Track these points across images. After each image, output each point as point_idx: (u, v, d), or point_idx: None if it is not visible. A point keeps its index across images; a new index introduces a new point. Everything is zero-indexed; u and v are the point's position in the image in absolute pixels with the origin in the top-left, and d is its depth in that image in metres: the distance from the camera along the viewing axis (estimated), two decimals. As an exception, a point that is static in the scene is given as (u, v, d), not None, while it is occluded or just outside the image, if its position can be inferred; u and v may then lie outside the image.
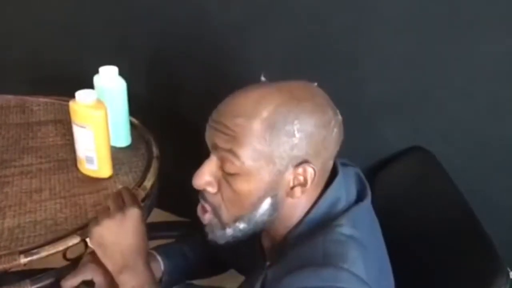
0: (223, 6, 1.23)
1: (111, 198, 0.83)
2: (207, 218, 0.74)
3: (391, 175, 1.11)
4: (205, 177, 0.71)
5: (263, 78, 0.74)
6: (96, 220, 0.80)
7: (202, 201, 0.74)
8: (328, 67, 1.15)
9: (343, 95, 1.09)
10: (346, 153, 0.74)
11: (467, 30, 0.97)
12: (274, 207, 0.71)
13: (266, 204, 0.70)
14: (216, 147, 0.69)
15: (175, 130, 1.41)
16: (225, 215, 0.72)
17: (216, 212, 0.73)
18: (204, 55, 1.31)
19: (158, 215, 0.82)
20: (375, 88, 1.11)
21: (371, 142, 1.14)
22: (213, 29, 1.27)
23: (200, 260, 0.98)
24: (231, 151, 0.66)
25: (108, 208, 0.81)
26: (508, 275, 0.75)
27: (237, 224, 0.72)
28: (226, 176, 0.69)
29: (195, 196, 0.73)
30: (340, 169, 0.75)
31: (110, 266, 0.80)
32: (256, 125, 0.65)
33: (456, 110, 1.04)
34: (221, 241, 0.74)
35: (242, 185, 0.68)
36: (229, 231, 0.73)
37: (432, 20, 0.99)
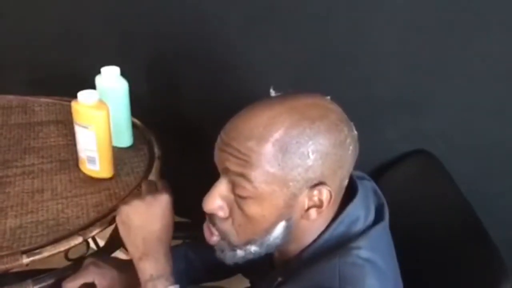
0: (224, 7, 1.23)
1: (145, 183, 0.84)
2: (214, 240, 0.72)
3: (394, 178, 1.10)
4: (216, 201, 0.68)
5: (272, 92, 0.71)
6: (126, 200, 0.81)
7: (209, 224, 0.72)
8: (330, 68, 1.14)
9: (345, 96, 1.09)
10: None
11: (469, 30, 0.97)
12: (288, 230, 0.68)
13: (280, 228, 0.67)
14: (227, 171, 0.66)
15: (177, 130, 1.41)
16: (235, 239, 0.70)
17: (224, 237, 0.71)
18: (206, 56, 1.31)
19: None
20: (377, 90, 1.10)
21: (373, 144, 1.12)
22: (215, 29, 1.27)
23: (204, 265, 0.96)
24: (243, 175, 0.64)
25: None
26: (512, 279, 0.75)
27: (248, 246, 0.70)
28: (237, 200, 0.66)
29: (197, 197, 0.72)
30: (359, 186, 0.72)
31: (130, 250, 0.79)
32: (268, 149, 0.62)
33: (459, 112, 1.04)
34: (230, 262, 0.72)
35: (255, 210, 0.65)
36: (240, 252, 0.70)
37: (435, 21, 0.99)
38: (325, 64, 1.15)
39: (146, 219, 0.78)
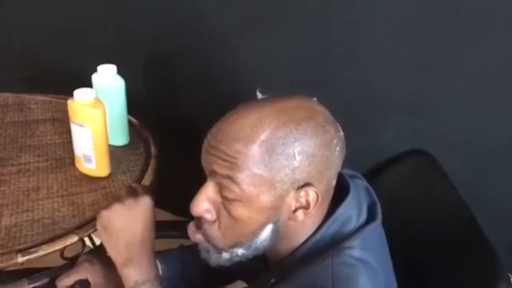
0: (222, 6, 1.22)
1: (125, 188, 0.84)
2: (198, 238, 0.72)
3: (391, 178, 1.10)
4: (203, 204, 0.68)
5: (259, 94, 0.71)
6: (105, 205, 0.80)
7: (194, 226, 0.72)
8: (327, 68, 1.14)
9: (341, 97, 1.10)
10: (346, 156, 0.73)
11: (468, 31, 0.96)
12: (276, 232, 0.68)
13: (267, 231, 0.67)
14: (214, 174, 0.66)
15: (174, 129, 1.41)
16: (221, 243, 0.69)
17: (210, 240, 0.70)
18: (203, 54, 1.31)
19: (156, 215, 0.81)
20: (375, 90, 1.10)
21: (370, 144, 1.13)
22: (212, 27, 1.26)
23: (201, 269, 0.94)
24: (230, 178, 0.64)
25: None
26: (509, 280, 0.74)
27: (235, 249, 0.69)
28: (225, 203, 0.66)
29: (193, 195, 0.72)
30: (351, 184, 0.72)
31: (113, 256, 0.79)
32: (255, 150, 0.62)
33: (456, 112, 1.03)
34: (214, 264, 0.72)
35: (242, 212, 0.65)
36: (225, 255, 0.70)
37: (433, 20, 0.99)
38: (323, 65, 1.15)
39: (128, 222, 0.78)
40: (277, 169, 0.63)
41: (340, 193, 0.71)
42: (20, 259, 0.83)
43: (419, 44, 1.02)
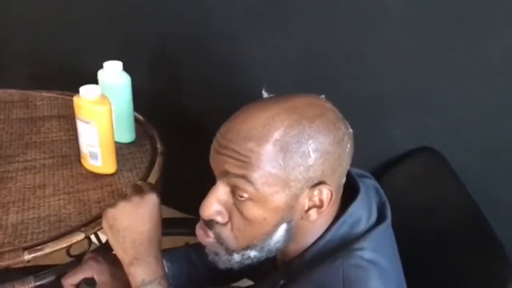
0: (228, 3, 1.22)
1: (130, 186, 0.83)
2: (209, 241, 0.70)
3: (398, 176, 1.09)
4: (214, 206, 0.66)
5: (264, 93, 0.70)
6: (111, 203, 0.79)
7: (204, 227, 0.70)
8: (334, 65, 1.13)
9: (348, 94, 1.09)
10: (353, 154, 0.72)
11: (476, 27, 0.95)
12: (289, 232, 0.67)
13: (281, 231, 0.66)
14: (226, 174, 0.64)
15: (180, 125, 1.40)
16: (233, 245, 0.68)
17: (221, 242, 0.69)
18: (209, 51, 1.30)
19: (163, 212, 0.81)
20: (382, 87, 1.09)
21: (377, 142, 1.12)
22: (218, 24, 1.26)
23: (207, 268, 0.94)
24: (244, 177, 0.62)
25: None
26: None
27: (247, 251, 0.68)
28: (237, 203, 0.65)
29: (200, 192, 0.71)
30: (360, 184, 0.71)
31: (120, 255, 0.78)
32: (269, 149, 0.61)
33: (465, 109, 1.03)
34: (223, 266, 0.71)
35: (256, 212, 0.64)
36: (236, 257, 0.69)
37: (441, 17, 0.98)
38: (330, 61, 1.14)
39: (134, 220, 0.77)
40: (291, 168, 0.62)
41: (349, 193, 0.71)
42: (27, 256, 0.83)
43: (426, 41, 1.01)
